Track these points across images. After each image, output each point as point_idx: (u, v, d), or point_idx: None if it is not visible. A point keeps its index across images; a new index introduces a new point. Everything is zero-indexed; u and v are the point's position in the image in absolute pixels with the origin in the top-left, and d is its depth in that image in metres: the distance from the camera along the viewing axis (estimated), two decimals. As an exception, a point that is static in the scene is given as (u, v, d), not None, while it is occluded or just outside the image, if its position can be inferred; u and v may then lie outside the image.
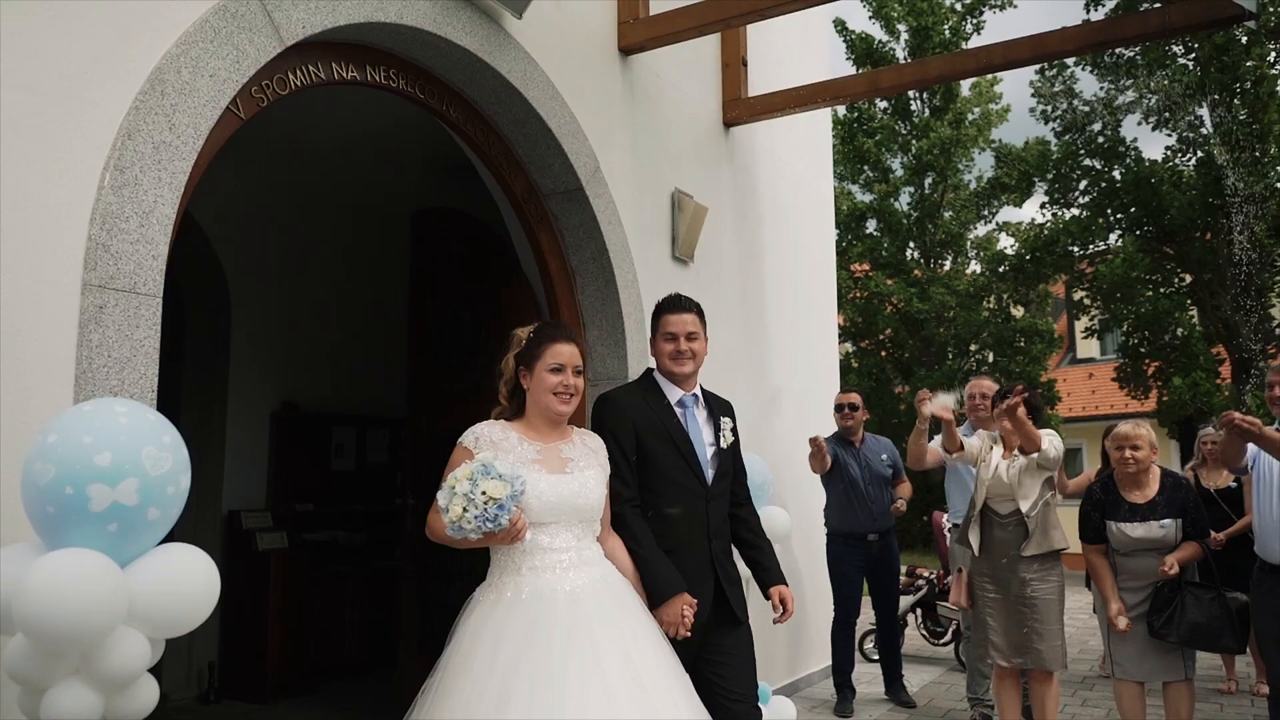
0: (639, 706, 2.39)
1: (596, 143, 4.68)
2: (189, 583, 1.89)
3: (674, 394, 3.20)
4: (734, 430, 3.27)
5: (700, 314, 3.27)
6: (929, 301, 16.94)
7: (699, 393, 3.26)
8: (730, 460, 3.23)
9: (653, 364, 3.30)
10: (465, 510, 2.35)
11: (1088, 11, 14.14)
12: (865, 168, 19.00)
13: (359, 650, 6.67)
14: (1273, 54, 13.18)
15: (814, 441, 5.77)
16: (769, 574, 3.29)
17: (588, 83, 4.68)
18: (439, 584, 5.00)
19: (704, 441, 3.17)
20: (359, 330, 7.10)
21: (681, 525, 3.05)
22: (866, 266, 18.40)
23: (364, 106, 5.22)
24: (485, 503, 2.35)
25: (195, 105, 2.79)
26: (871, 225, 18.93)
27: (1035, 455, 4.42)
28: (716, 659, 3.07)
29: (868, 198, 18.96)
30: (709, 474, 3.13)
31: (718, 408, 3.29)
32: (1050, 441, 4.47)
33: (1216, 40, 12.71)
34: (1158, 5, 4.25)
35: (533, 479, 2.54)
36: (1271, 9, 12.19)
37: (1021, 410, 4.39)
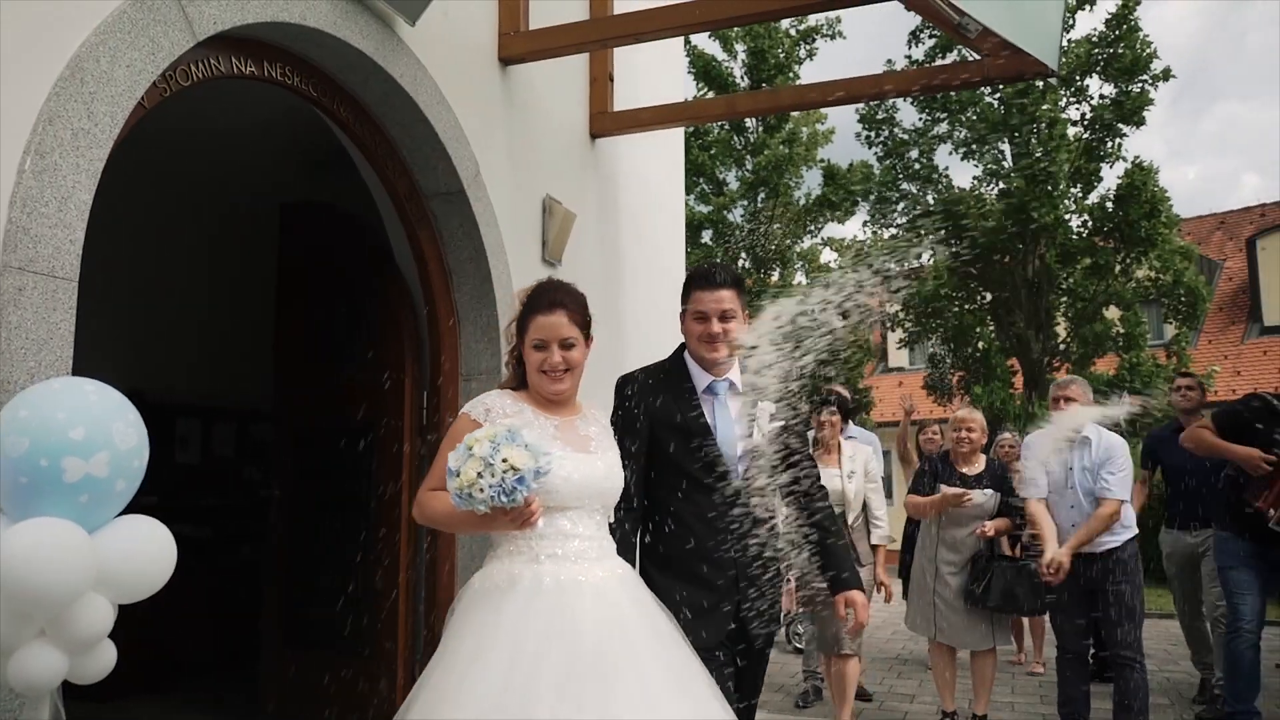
0: (685, 708, 2.14)
1: (477, 148, 4.86)
2: (151, 551, 2.02)
3: (703, 380, 2.79)
4: (776, 415, 2.75)
5: (739, 287, 2.79)
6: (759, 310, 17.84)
7: (734, 379, 2.81)
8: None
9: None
10: (479, 476, 1.99)
11: (909, 47, 15.42)
12: (701, 180, 19.78)
13: (207, 647, 6.53)
14: (1063, 100, 14.78)
15: None
16: (836, 579, 2.84)
17: (470, 90, 4.86)
18: (305, 576, 5.04)
19: (735, 434, 2.72)
20: (212, 321, 6.94)
21: (698, 528, 2.66)
22: (702, 274, 19.16)
23: (234, 100, 5.16)
24: (504, 471, 1.99)
25: (113, 94, 2.84)
26: (707, 235, 19.75)
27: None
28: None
29: (705, 209, 19.77)
30: (738, 470, 2.70)
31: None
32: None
33: (1019, 85, 14.14)
34: (978, 58, 4.88)
35: (557, 458, 2.19)
36: (1064, 60, 13.67)
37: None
